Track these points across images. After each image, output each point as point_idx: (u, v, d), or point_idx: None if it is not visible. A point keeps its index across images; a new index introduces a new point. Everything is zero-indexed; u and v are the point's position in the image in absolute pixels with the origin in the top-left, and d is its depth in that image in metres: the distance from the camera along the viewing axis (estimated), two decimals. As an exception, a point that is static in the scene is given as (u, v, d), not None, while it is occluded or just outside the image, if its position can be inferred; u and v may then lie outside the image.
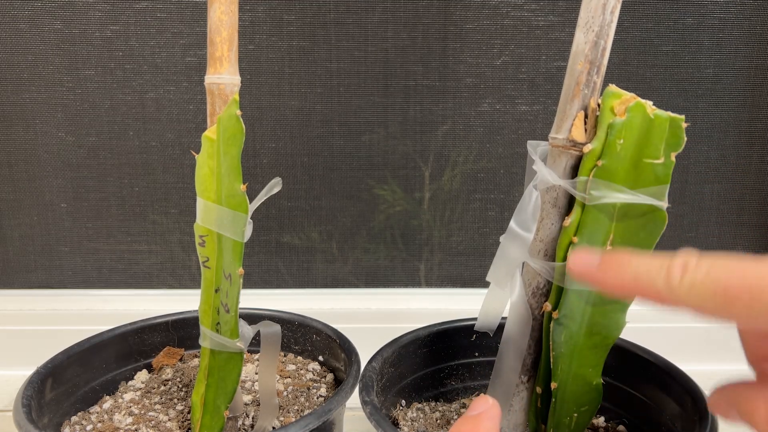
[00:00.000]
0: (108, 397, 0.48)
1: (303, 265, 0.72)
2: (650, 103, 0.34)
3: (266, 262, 0.72)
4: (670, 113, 0.34)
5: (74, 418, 0.45)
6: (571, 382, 0.38)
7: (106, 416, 0.45)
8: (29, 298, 0.72)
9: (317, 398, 0.48)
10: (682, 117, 0.34)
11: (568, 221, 0.36)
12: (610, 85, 0.35)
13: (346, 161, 0.69)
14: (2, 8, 0.65)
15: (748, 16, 0.65)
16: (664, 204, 0.35)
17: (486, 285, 0.42)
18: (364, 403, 0.40)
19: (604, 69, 0.35)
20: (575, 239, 0.36)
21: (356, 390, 0.42)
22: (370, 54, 0.66)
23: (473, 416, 0.29)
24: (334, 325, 0.51)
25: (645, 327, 0.68)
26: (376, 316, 0.70)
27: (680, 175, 0.69)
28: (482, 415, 0.29)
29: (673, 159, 0.35)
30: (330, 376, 0.51)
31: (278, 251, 0.72)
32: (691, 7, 0.65)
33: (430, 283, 0.73)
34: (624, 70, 0.66)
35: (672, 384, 0.43)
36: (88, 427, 0.44)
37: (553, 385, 0.38)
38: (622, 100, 0.34)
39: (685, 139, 0.34)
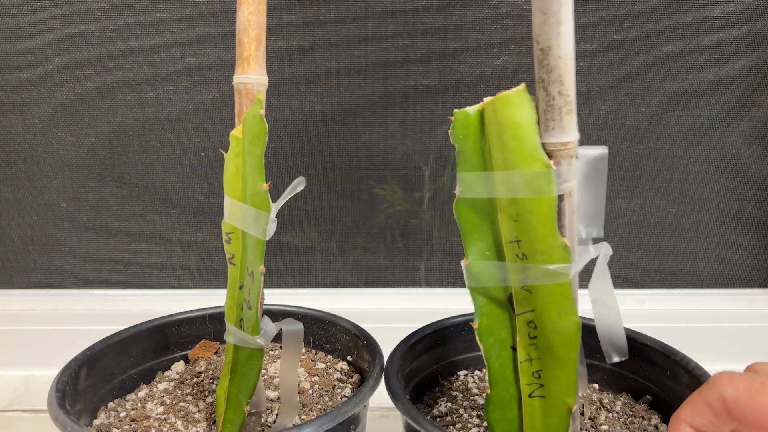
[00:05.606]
0: (144, 385, 0.49)
1: (303, 265, 0.72)
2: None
3: (266, 262, 0.72)
4: None
5: (111, 405, 0.47)
6: None
7: (139, 404, 0.46)
8: (29, 298, 0.72)
9: (341, 398, 0.48)
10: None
11: None
12: None
13: (346, 161, 0.69)
14: (2, 8, 0.65)
15: (748, 16, 0.65)
16: None
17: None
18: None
19: None
20: None
21: (376, 391, 0.42)
22: (370, 54, 0.66)
23: None
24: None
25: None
26: (376, 316, 0.70)
27: (680, 174, 0.69)
28: None
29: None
30: (357, 377, 0.51)
31: (278, 251, 0.72)
32: (691, 7, 0.65)
33: (430, 283, 0.73)
34: (624, 70, 0.67)
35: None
36: (122, 414, 0.45)
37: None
38: None
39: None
